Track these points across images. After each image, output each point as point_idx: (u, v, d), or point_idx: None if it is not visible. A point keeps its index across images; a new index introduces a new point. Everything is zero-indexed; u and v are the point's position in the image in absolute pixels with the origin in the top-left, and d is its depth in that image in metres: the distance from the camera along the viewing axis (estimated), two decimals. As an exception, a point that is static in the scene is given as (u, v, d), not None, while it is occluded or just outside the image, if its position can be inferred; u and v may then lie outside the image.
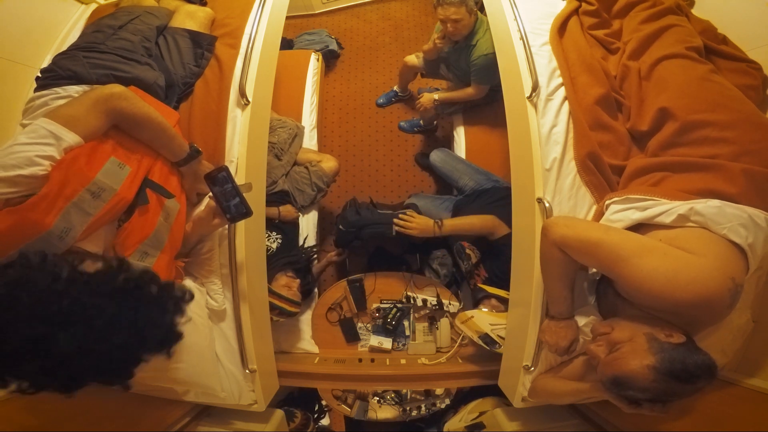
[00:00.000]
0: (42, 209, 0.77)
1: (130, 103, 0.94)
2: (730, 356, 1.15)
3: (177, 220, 1.04)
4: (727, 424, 0.99)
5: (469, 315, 1.43)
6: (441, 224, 1.55)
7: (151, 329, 0.75)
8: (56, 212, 0.78)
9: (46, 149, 0.79)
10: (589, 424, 1.21)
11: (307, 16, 3.18)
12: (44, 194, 0.77)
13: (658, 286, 0.83)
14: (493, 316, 1.41)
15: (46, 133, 0.81)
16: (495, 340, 1.37)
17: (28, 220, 0.76)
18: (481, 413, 1.54)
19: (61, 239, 0.79)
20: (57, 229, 0.78)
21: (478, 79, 1.98)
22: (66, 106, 0.91)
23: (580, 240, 0.94)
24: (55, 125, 0.83)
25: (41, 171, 0.78)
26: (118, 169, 0.90)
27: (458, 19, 1.78)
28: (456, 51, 1.98)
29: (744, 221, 0.89)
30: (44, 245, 0.77)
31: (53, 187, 0.78)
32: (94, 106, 0.89)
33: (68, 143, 0.83)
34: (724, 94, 1.11)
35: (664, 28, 1.28)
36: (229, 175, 1.01)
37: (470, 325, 1.43)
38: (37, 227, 0.76)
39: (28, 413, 0.97)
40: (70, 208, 0.79)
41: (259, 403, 1.26)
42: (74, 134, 0.84)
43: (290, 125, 1.99)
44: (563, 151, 1.20)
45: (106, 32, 1.23)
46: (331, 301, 1.76)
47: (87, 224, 0.82)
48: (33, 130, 0.81)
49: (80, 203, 0.81)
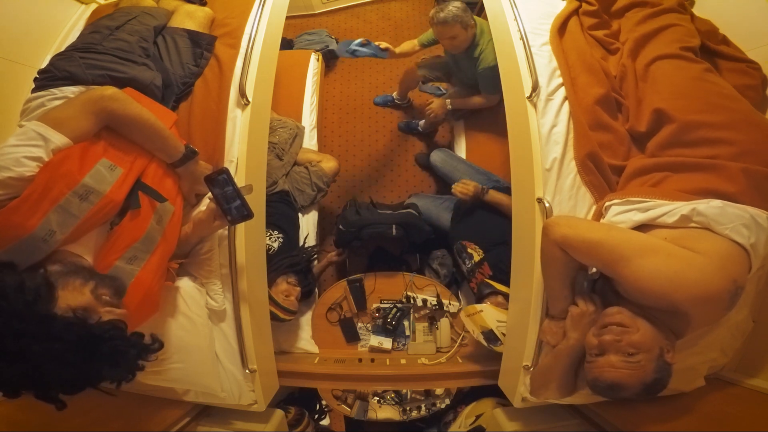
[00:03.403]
0: (24, 212, 0.76)
1: (121, 104, 0.93)
2: (729, 356, 1.16)
3: (171, 222, 1.03)
4: (727, 424, 0.99)
5: (479, 309, 1.41)
6: (486, 191, 1.66)
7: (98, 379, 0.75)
8: (40, 215, 0.77)
9: (34, 151, 0.80)
10: (589, 424, 1.20)
11: (307, 16, 3.18)
12: (26, 196, 0.77)
13: (659, 286, 0.83)
14: (501, 313, 1.40)
15: (34, 135, 0.81)
16: (498, 338, 1.36)
17: (9, 223, 0.75)
18: (478, 416, 1.54)
19: (46, 242, 0.78)
20: (41, 231, 0.77)
21: (488, 89, 1.96)
22: (56, 108, 0.92)
23: (581, 239, 0.94)
24: (44, 127, 0.83)
25: (28, 172, 0.78)
26: (109, 170, 0.89)
27: (454, 36, 1.78)
28: (460, 59, 1.97)
29: (746, 221, 0.89)
30: (28, 248, 0.77)
31: (36, 189, 0.78)
32: (84, 107, 0.89)
33: (56, 144, 0.83)
34: (719, 94, 1.11)
35: (660, 29, 1.29)
36: (229, 177, 1.00)
37: (476, 319, 1.41)
38: (19, 230, 0.76)
39: (28, 413, 0.96)
40: (55, 211, 0.79)
41: (259, 403, 1.26)
42: (62, 135, 0.84)
43: (290, 125, 1.99)
44: (563, 151, 1.20)
45: (103, 33, 1.23)
46: (331, 301, 1.76)
47: (73, 227, 0.82)
48: (23, 132, 0.82)
49: (66, 206, 0.80)
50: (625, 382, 0.87)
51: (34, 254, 0.78)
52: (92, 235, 0.89)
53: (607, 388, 0.89)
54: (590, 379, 0.93)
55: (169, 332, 1.08)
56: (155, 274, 0.97)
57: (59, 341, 0.68)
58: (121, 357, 0.76)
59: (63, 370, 0.70)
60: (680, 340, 0.94)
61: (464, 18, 1.75)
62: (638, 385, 0.87)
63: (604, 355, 0.90)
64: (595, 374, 0.91)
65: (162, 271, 1.02)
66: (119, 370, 0.77)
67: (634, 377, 0.86)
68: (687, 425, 0.97)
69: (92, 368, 0.73)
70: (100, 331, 0.73)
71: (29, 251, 0.77)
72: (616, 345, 0.88)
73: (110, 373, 0.76)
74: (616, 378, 0.87)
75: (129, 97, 0.97)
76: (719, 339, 1.08)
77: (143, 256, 0.95)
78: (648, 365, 0.86)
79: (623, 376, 0.87)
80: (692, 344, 1.04)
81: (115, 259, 0.90)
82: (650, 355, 0.87)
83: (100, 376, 0.75)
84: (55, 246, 0.80)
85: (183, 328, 1.11)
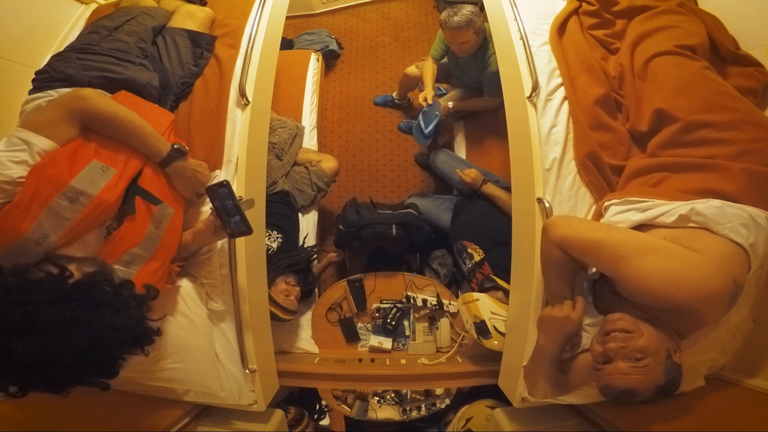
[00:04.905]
0: (17, 216, 0.78)
1: (95, 102, 0.93)
2: (729, 356, 1.16)
3: (171, 225, 1.03)
4: (727, 424, 0.99)
5: (475, 297, 1.41)
6: (485, 182, 1.73)
7: (111, 329, 0.76)
8: (32, 218, 0.79)
9: (19, 155, 0.81)
10: (589, 424, 1.20)
11: (307, 16, 3.18)
12: (17, 202, 0.78)
13: (659, 286, 0.83)
14: (497, 306, 1.40)
15: (17, 140, 0.83)
16: (488, 330, 1.36)
17: (3, 227, 0.77)
18: (468, 420, 1.54)
19: (39, 244, 0.80)
20: (34, 234, 0.79)
21: (493, 92, 1.94)
22: (35, 111, 0.94)
23: (581, 239, 0.94)
24: (25, 132, 0.84)
25: (15, 174, 0.79)
26: (101, 171, 0.90)
27: (466, 41, 1.75)
28: (464, 61, 1.96)
29: (745, 221, 0.89)
30: (22, 251, 0.78)
31: (27, 194, 0.79)
32: (60, 109, 0.90)
33: (40, 147, 0.84)
34: (720, 92, 1.11)
35: (658, 29, 1.28)
36: (230, 191, 0.98)
37: (471, 307, 1.41)
38: (13, 234, 0.77)
39: (28, 413, 0.96)
40: (45, 214, 0.80)
41: (259, 403, 1.26)
42: (45, 138, 0.85)
43: (290, 125, 1.99)
44: (563, 151, 1.20)
45: (102, 33, 1.23)
46: (331, 301, 1.76)
47: (66, 229, 0.82)
48: (8, 140, 0.84)
49: (56, 208, 0.81)
50: (638, 388, 0.86)
51: (28, 257, 0.79)
52: (90, 237, 0.90)
53: (619, 395, 0.88)
54: (601, 387, 0.92)
55: (169, 332, 1.08)
56: (153, 277, 0.97)
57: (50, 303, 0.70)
58: (115, 299, 0.78)
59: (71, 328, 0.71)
60: (683, 340, 0.94)
61: (478, 23, 1.71)
62: (651, 389, 0.87)
63: (611, 363, 0.88)
64: (605, 382, 0.89)
65: (161, 274, 1.02)
66: (122, 315, 0.78)
67: (645, 382, 0.85)
68: (687, 425, 0.97)
69: (95, 318, 0.74)
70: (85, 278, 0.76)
71: (24, 254, 0.78)
72: (623, 351, 0.87)
73: (115, 320, 0.76)
74: (628, 384, 0.86)
75: (104, 96, 0.97)
76: (719, 339, 1.08)
77: (141, 259, 0.96)
78: (657, 368, 0.86)
79: (634, 381, 0.85)
80: (692, 344, 1.04)
81: (113, 263, 0.90)
82: (658, 358, 0.86)
83: (107, 325, 0.75)
84: (48, 248, 0.81)
85: (183, 328, 1.11)
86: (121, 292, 0.80)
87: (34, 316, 0.69)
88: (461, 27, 1.69)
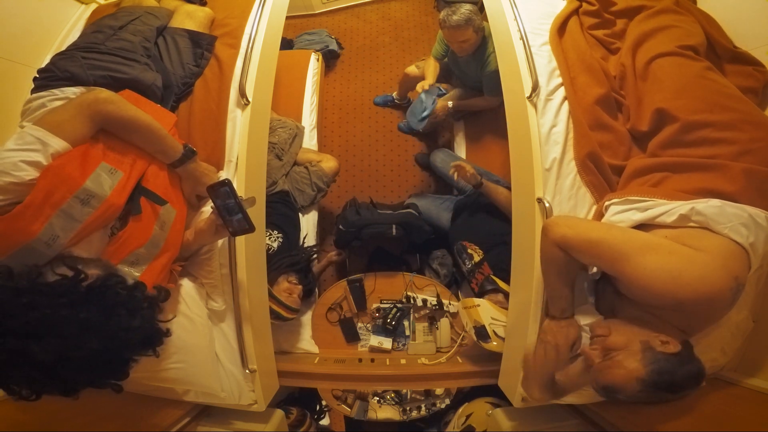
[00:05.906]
0: (28, 217, 0.76)
1: (117, 106, 0.93)
2: (729, 355, 1.15)
3: (174, 225, 1.03)
4: (727, 424, 0.99)
5: (477, 302, 1.41)
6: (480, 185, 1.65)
7: (126, 331, 0.76)
8: (43, 220, 0.78)
9: (32, 155, 0.79)
10: (589, 424, 1.20)
11: (307, 16, 3.18)
12: (29, 203, 0.77)
13: (661, 284, 0.83)
14: (498, 311, 1.40)
15: (32, 139, 0.81)
16: (488, 335, 1.36)
17: (13, 229, 0.76)
18: (468, 416, 1.54)
19: (49, 246, 0.79)
20: (44, 236, 0.78)
21: (493, 91, 1.94)
22: (52, 112, 0.91)
23: (581, 239, 0.94)
24: (42, 131, 0.82)
25: (27, 176, 0.78)
26: (109, 174, 0.89)
27: (466, 39, 1.75)
28: (464, 60, 1.96)
29: (745, 220, 0.89)
30: (32, 252, 0.77)
31: (38, 195, 0.78)
32: (80, 110, 0.89)
33: (55, 149, 0.82)
34: (722, 93, 1.11)
35: (658, 29, 1.28)
36: (231, 189, 0.98)
37: (471, 312, 1.41)
38: (24, 235, 0.76)
39: (28, 413, 0.96)
40: (57, 215, 0.79)
41: (259, 403, 1.25)
42: (60, 140, 0.84)
43: (290, 125, 1.99)
44: (563, 151, 1.20)
45: (107, 32, 1.22)
46: (331, 301, 1.76)
47: (75, 231, 0.82)
48: (20, 136, 0.82)
49: (68, 210, 0.80)
50: (616, 382, 0.88)
51: (37, 259, 0.78)
52: (94, 238, 0.89)
53: (602, 391, 0.92)
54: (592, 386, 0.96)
55: (170, 332, 1.08)
56: (157, 278, 0.97)
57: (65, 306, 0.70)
58: (129, 301, 0.78)
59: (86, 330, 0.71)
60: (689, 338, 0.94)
61: (477, 21, 1.71)
62: (632, 381, 0.87)
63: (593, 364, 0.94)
64: (591, 381, 0.96)
65: (164, 275, 1.02)
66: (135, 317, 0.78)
67: (620, 375, 0.88)
68: (687, 425, 0.97)
69: (110, 320, 0.74)
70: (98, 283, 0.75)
71: (33, 256, 0.78)
72: (596, 353, 0.93)
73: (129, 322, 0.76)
74: (606, 379, 0.90)
75: (124, 100, 0.97)
76: (719, 339, 1.08)
77: (145, 260, 0.96)
78: (628, 360, 0.87)
79: (609, 376, 0.89)
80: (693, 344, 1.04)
81: (117, 263, 0.90)
82: (629, 351, 0.88)
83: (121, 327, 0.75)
84: (58, 250, 0.80)
85: (183, 328, 1.11)
86: (134, 294, 0.80)
87: (49, 319, 0.68)
88: (460, 25, 1.69)
